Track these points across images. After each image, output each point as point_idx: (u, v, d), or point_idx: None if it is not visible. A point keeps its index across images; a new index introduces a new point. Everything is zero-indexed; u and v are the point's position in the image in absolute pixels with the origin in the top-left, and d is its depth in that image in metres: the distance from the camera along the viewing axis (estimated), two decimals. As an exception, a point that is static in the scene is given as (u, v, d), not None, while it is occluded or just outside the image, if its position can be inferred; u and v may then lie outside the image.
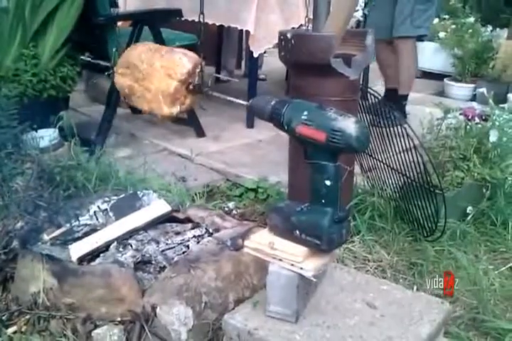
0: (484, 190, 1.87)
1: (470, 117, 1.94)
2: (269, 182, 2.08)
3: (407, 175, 1.69)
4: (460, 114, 1.98)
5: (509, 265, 1.65)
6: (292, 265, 1.06)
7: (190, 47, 2.71)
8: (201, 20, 1.66)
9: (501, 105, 2.12)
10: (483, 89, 2.27)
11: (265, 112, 1.09)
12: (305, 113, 1.03)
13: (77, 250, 1.37)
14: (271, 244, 1.09)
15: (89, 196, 1.67)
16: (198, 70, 1.72)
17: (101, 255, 1.39)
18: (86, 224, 1.50)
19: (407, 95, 2.96)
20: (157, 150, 2.48)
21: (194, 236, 1.46)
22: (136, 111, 2.93)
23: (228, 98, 1.58)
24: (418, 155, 1.56)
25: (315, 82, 1.53)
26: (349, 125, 0.98)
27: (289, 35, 1.52)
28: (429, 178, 1.59)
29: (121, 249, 1.39)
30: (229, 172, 2.25)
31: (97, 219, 1.52)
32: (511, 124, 1.94)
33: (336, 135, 0.98)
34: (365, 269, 1.60)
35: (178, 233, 1.48)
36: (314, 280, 1.07)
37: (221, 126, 2.81)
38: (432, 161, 1.63)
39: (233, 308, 1.20)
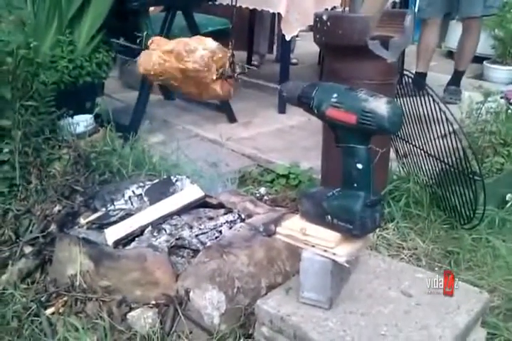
0: (525, 177, 1.81)
1: (512, 101, 1.87)
2: (300, 168, 2.06)
3: (445, 160, 1.64)
4: (501, 98, 1.91)
5: (550, 254, 1.60)
6: (325, 251, 1.05)
7: (222, 32, 2.69)
8: (233, 3, 1.64)
9: (545, 88, 2.03)
10: (527, 72, 2.18)
11: (295, 96, 1.06)
12: (335, 95, 0.99)
13: (113, 234, 1.40)
14: (303, 230, 1.08)
15: (124, 181, 1.70)
16: (228, 55, 1.68)
17: (136, 239, 1.41)
18: (121, 209, 1.52)
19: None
20: (189, 136, 2.49)
21: (227, 222, 1.46)
22: (168, 97, 2.95)
23: (260, 82, 1.56)
24: (457, 141, 1.51)
25: (351, 65, 1.49)
26: (380, 106, 0.94)
27: (324, 17, 1.49)
28: (467, 164, 1.55)
29: (155, 234, 1.40)
30: (260, 157, 2.24)
31: (132, 204, 1.54)
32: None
33: (367, 116, 0.94)
34: (399, 257, 1.58)
35: (210, 218, 1.48)
36: (347, 265, 1.05)
37: (253, 111, 2.79)
38: (471, 146, 1.58)
39: (265, 294, 1.21)
